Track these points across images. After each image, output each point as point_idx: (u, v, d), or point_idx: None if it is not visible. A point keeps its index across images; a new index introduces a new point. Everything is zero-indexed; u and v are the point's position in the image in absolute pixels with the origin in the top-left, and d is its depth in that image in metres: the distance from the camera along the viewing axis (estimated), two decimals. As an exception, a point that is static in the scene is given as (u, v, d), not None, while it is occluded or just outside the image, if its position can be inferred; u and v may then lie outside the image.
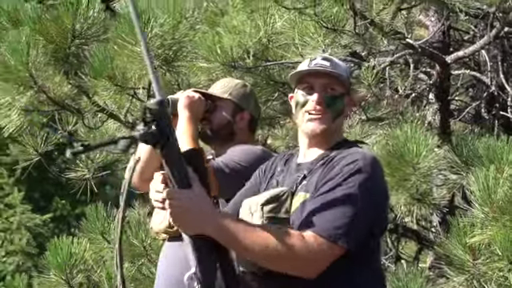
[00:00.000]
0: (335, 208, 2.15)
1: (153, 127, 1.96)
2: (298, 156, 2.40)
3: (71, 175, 5.05)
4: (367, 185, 2.20)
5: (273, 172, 2.43)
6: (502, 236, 3.40)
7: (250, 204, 2.27)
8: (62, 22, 4.42)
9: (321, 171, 2.24)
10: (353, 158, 2.22)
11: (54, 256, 4.45)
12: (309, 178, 2.26)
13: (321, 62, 2.35)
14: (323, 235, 2.12)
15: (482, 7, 4.24)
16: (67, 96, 4.59)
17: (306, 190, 2.23)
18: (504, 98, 5.02)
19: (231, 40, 4.04)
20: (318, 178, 2.23)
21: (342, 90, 2.36)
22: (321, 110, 2.32)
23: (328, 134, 2.34)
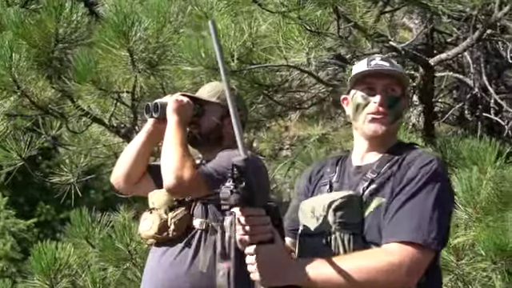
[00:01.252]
0: (422, 213, 2.12)
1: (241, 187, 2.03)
2: (351, 159, 2.35)
3: (55, 180, 5.03)
4: (446, 186, 2.20)
5: (322, 173, 2.38)
6: (485, 236, 3.42)
7: (313, 206, 2.23)
8: (45, 26, 4.41)
9: (393, 175, 2.20)
10: (426, 160, 2.19)
11: (39, 261, 4.43)
12: (379, 182, 2.22)
13: (380, 63, 2.30)
14: (418, 242, 2.09)
15: (465, 10, 4.27)
16: (51, 100, 4.57)
17: (382, 195, 2.18)
18: (487, 99, 5.06)
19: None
20: (394, 182, 2.18)
21: (401, 92, 2.32)
22: (384, 112, 2.28)
23: (387, 135, 2.30)
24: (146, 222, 2.99)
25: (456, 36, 5.27)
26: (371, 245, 2.17)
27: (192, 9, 4.48)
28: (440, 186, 2.17)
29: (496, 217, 3.44)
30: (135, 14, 4.17)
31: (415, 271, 2.11)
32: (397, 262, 2.09)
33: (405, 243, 2.09)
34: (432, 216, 2.13)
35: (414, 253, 2.09)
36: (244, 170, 2.04)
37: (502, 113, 5.01)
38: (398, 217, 2.13)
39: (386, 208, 2.17)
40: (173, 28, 4.31)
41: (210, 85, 3.23)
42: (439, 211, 2.14)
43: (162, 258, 2.97)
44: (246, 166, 2.05)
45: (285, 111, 5.06)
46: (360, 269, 2.09)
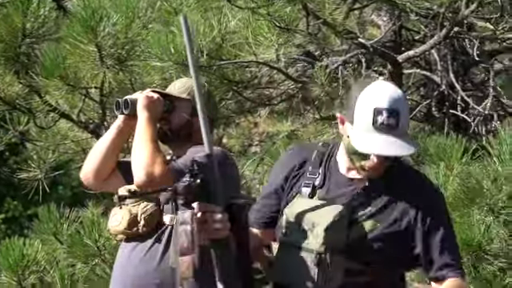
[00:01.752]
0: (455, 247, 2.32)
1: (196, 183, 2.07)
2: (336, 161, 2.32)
3: (23, 175, 4.99)
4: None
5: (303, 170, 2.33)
6: (452, 232, 3.45)
7: (300, 218, 2.23)
8: (12, 20, 4.37)
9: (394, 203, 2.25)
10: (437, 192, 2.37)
11: (6, 257, 4.39)
12: (374, 205, 2.25)
13: (387, 122, 2.17)
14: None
15: (433, 7, 4.29)
16: (18, 95, 4.54)
17: (378, 219, 2.23)
18: (454, 96, 5.09)
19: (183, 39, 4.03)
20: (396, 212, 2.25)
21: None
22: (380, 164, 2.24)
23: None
24: (116, 217, 2.95)
25: (424, 33, 5.29)
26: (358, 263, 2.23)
27: (161, 4, 4.46)
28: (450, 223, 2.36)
29: (462, 212, 3.47)
30: (103, 8, 4.14)
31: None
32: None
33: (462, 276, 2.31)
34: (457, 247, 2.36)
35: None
36: (203, 167, 2.06)
37: (469, 110, 5.04)
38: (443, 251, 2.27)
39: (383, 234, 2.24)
40: (142, 23, 4.28)
41: (180, 81, 3.21)
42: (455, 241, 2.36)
43: (132, 253, 2.95)
44: (205, 163, 2.07)
45: (254, 107, 5.06)
46: None
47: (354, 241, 2.21)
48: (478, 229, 3.43)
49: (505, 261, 3.52)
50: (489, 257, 3.46)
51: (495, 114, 4.96)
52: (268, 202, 2.36)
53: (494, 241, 3.45)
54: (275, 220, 2.33)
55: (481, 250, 3.45)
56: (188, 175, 2.08)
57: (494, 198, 3.43)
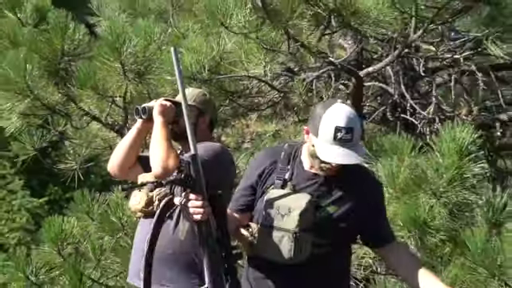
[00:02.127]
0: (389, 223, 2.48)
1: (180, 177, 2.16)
2: (301, 160, 2.35)
3: (62, 166, 4.97)
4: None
5: (273, 169, 2.36)
6: (403, 211, 3.44)
7: (278, 205, 2.27)
8: (53, 43, 4.34)
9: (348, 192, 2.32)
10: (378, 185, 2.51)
11: (48, 232, 4.35)
12: (334, 193, 2.31)
13: (344, 137, 2.22)
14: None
15: (387, 33, 4.28)
16: (58, 103, 4.51)
17: (335, 204, 2.30)
18: (404, 103, 5.09)
19: (191, 58, 4.01)
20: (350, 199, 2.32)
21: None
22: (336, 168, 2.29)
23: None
24: (136, 198, 2.93)
25: (380, 53, 5.29)
26: (322, 239, 2.27)
27: (172, 30, 4.44)
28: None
29: (411, 195, 3.46)
30: (126, 33, 4.12)
31: None
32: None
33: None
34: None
35: None
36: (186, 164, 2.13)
37: (416, 114, 5.04)
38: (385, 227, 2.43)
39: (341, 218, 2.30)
40: (157, 45, 4.26)
41: (186, 90, 3.19)
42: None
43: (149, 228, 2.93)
44: (189, 162, 2.13)
45: (246, 112, 5.04)
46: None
47: (321, 221, 2.27)
48: (424, 209, 3.42)
49: (444, 234, 3.51)
50: (432, 231, 3.45)
51: (437, 117, 4.96)
52: (245, 193, 2.40)
53: (436, 218, 3.44)
54: (250, 207, 2.38)
55: (426, 226, 3.44)
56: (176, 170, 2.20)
57: (436, 184, 3.42)
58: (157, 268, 2.65)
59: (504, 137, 5.41)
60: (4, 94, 4.46)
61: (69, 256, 4.41)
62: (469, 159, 3.37)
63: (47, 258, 4.36)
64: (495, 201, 3.53)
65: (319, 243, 2.26)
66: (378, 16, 3.86)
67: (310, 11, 3.87)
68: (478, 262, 3.30)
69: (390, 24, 3.94)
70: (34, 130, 4.76)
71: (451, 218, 3.47)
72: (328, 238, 2.28)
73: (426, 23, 3.93)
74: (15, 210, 6.85)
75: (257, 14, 3.85)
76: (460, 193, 3.41)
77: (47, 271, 4.44)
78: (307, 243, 2.25)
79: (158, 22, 4.63)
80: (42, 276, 4.44)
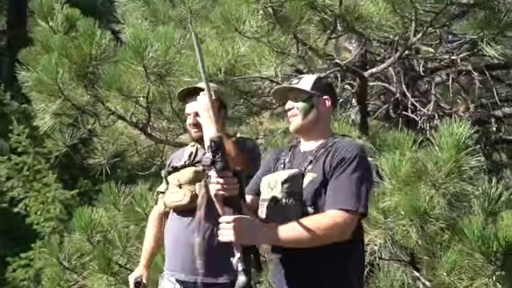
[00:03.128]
0: (350, 187, 2.14)
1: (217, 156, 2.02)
2: (300, 146, 2.37)
3: (91, 161, 4.98)
4: (365, 166, 2.21)
5: (278, 157, 2.39)
6: (405, 201, 3.42)
7: (269, 180, 2.25)
8: (82, 48, 4.34)
9: (324, 157, 2.22)
10: (349, 148, 2.21)
11: (79, 221, 4.38)
12: (314, 163, 2.23)
13: (293, 81, 2.34)
14: (349, 208, 2.12)
15: (389, 36, 4.24)
16: (87, 103, 4.51)
17: (314, 171, 2.21)
18: (406, 102, 5.05)
19: (208, 61, 3.99)
20: (324, 162, 2.20)
21: (306, 95, 2.30)
22: (292, 114, 2.31)
23: (307, 128, 2.32)
24: (178, 195, 2.87)
25: (383, 55, 5.25)
26: (308, 207, 2.19)
27: (190, 35, 4.42)
28: (360, 167, 2.19)
29: (412, 187, 3.43)
30: (148, 39, 4.11)
31: (350, 227, 2.16)
32: (339, 222, 2.12)
33: (343, 210, 2.13)
34: (356, 190, 2.16)
35: (348, 216, 2.13)
36: (219, 145, 2.02)
37: (417, 111, 5.00)
38: (335, 191, 2.16)
39: (317, 181, 2.20)
40: (176, 49, 4.25)
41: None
42: (361, 185, 2.17)
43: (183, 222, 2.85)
44: (220, 142, 2.03)
45: (259, 111, 5.03)
46: (316, 226, 2.11)
47: (304, 189, 2.21)
48: (424, 199, 3.39)
49: (443, 222, 3.48)
50: (432, 219, 3.42)
51: (436, 114, 4.92)
52: (257, 180, 2.38)
53: (435, 208, 3.41)
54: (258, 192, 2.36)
55: (426, 215, 3.41)
56: (209, 151, 2.05)
57: (435, 176, 3.39)
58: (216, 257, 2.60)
59: (499, 132, 5.35)
60: (38, 95, 4.48)
61: (98, 243, 4.43)
62: (466, 153, 3.34)
63: (78, 245, 4.39)
64: (491, 191, 3.50)
65: (307, 212, 2.17)
66: (381, 21, 3.83)
67: (317, 17, 3.85)
68: (475, 248, 3.27)
69: (391, 28, 3.91)
70: (65, 129, 4.77)
71: (450, 208, 3.44)
72: (312, 206, 2.18)
73: (425, 27, 3.89)
74: (49, 201, 6.88)
75: (268, 20, 3.82)
76: (458, 184, 3.37)
77: (78, 257, 4.47)
78: (295, 211, 2.16)
79: (178, 28, 4.62)
80: (74, 261, 4.47)
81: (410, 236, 3.46)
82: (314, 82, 2.35)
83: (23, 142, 7.02)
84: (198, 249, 2.78)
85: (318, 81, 2.38)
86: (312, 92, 2.33)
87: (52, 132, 4.73)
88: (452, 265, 3.42)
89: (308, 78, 2.36)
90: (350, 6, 3.81)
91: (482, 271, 3.30)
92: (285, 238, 2.10)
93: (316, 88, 2.34)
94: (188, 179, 2.89)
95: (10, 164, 7.11)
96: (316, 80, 2.37)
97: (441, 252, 3.51)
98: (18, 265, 6.68)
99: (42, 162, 6.98)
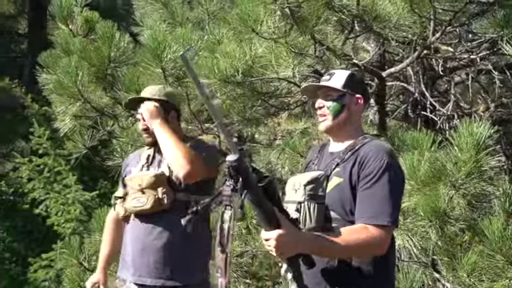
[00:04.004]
0: (384, 200, 2.08)
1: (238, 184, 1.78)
2: (329, 146, 2.30)
3: (111, 163, 5.01)
4: (396, 174, 2.14)
5: (310, 159, 2.35)
6: (423, 202, 3.39)
7: (294, 182, 2.19)
8: (101, 51, 4.38)
9: (352, 162, 2.14)
10: (379, 154, 2.11)
11: (99, 222, 4.41)
12: (342, 166, 2.16)
13: (324, 78, 2.26)
14: (385, 224, 2.08)
15: (408, 36, 4.21)
16: (106, 105, 4.56)
17: (340, 176, 2.15)
18: (424, 101, 5.01)
19: (225, 62, 4.00)
20: (352, 169, 2.13)
21: (338, 93, 2.21)
22: (322, 114, 2.23)
23: (338, 129, 2.23)
24: (140, 200, 2.81)
25: (401, 55, 5.21)
26: (332, 212, 2.14)
27: (208, 37, 4.44)
28: (392, 177, 2.12)
29: (431, 187, 3.41)
30: (166, 41, 4.13)
31: (387, 242, 2.12)
32: (377, 237, 2.08)
33: (377, 226, 2.08)
34: (391, 203, 2.10)
35: (385, 232, 2.09)
36: (239, 170, 1.80)
37: (436, 111, 4.96)
38: (369, 204, 2.09)
39: (344, 187, 2.14)
40: (194, 51, 4.26)
41: (151, 87, 3.05)
42: (394, 197, 2.12)
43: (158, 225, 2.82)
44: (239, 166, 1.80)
45: (277, 112, 5.02)
46: (355, 240, 2.06)
47: (328, 193, 2.15)
48: (444, 200, 3.36)
49: (463, 223, 3.45)
50: (452, 220, 3.39)
51: (455, 114, 4.88)
52: None
53: (455, 208, 3.37)
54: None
55: (445, 216, 3.38)
56: (229, 178, 1.82)
57: (455, 176, 3.36)
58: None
59: (520, 131, 5.29)
60: (58, 98, 4.53)
61: (118, 244, 4.45)
62: (486, 153, 3.30)
63: (98, 246, 4.38)
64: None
65: (330, 217, 2.13)
66: (399, 20, 3.81)
67: (335, 17, 3.83)
68: (496, 249, 3.23)
69: (409, 27, 3.88)
70: (85, 131, 4.81)
71: (470, 208, 3.41)
72: (336, 211, 2.14)
73: (444, 26, 3.86)
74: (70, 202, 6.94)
75: (285, 20, 3.82)
76: (478, 184, 3.34)
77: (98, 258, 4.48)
78: (314, 213, 2.10)
79: (195, 30, 4.63)
80: (94, 262, 4.48)
81: (430, 237, 3.44)
82: (346, 79, 2.24)
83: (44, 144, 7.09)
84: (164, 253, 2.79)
85: (351, 78, 2.26)
86: (344, 90, 2.23)
87: (72, 134, 4.77)
88: (472, 266, 3.38)
89: (340, 75, 2.25)
90: (367, 6, 3.79)
91: (502, 273, 3.27)
92: (325, 250, 2.06)
93: (348, 86, 2.24)
94: (150, 183, 2.82)
95: (31, 166, 7.19)
96: (348, 77, 2.26)
97: (461, 253, 3.48)
98: (39, 265, 6.75)
99: (62, 164, 7.05)
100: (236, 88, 4.11)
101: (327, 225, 2.12)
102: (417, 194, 3.43)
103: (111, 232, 3.13)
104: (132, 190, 2.88)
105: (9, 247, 7.79)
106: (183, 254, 2.80)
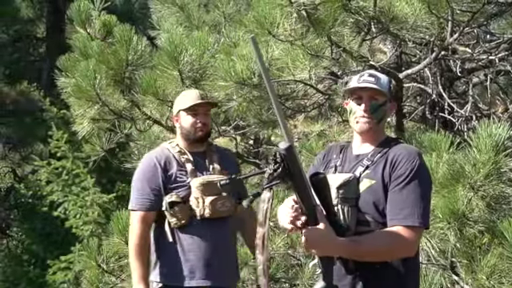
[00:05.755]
0: (415, 202, 2.10)
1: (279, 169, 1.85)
2: (351, 148, 2.30)
3: (128, 165, 5.05)
4: (427, 177, 2.18)
5: (329, 158, 2.32)
6: (442, 204, 3.37)
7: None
8: (119, 54, 4.41)
9: (383, 164, 2.16)
10: (411, 156, 2.15)
11: (117, 224, 4.41)
12: (372, 168, 2.17)
13: (367, 78, 2.24)
14: (417, 225, 2.10)
15: (425, 37, 4.20)
16: (124, 108, 4.58)
17: (371, 177, 2.16)
18: (442, 103, 4.98)
19: (242, 65, 4.02)
20: (384, 170, 2.14)
21: (384, 99, 2.24)
22: (368, 116, 2.23)
23: (374, 132, 2.24)
24: (225, 204, 2.93)
25: (419, 57, 5.19)
26: (365, 215, 2.15)
27: (224, 40, 4.45)
28: (423, 179, 2.15)
29: (449, 189, 3.38)
30: (183, 44, 4.16)
31: (417, 244, 2.17)
32: (408, 239, 2.10)
33: (408, 227, 2.10)
34: (422, 205, 2.12)
35: (416, 234, 2.12)
36: (286, 157, 1.86)
37: (454, 113, 4.93)
38: (401, 206, 2.11)
39: (376, 189, 2.14)
40: (211, 54, 4.29)
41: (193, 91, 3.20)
42: (426, 200, 2.14)
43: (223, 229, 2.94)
44: (289, 153, 1.86)
45: (293, 114, 5.02)
46: (387, 242, 2.10)
47: (361, 196, 2.15)
48: (462, 202, 3.34)
49: (482, 225, 3.42)
50: (470, 222, 3.37)
51: (474, 115, 4.84)
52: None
53: (474, 210, 3.35)
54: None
55: (464, 218, 3.36)
56: (273, 163, 1.89)
57: (473, 178, 3.33)
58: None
59: (540, 133, 5.22)
60: (76, 101, 4.57)
61: (135, 246, 4.47)
62: (505, 154, 3.28)
63: (116, 248, 4.43)
64: (531, 193, 3.42)
65: (363, 220, 2.13)
66: (416, 21, 3.79)
67: (351, 19, 3.83)
68: (516, 251, 3.20)
69: (427, 28, 3.86)
70: (103, 133, 4.85)
71: (489, 210, 3.38)
72: (369, 214, 2.14)
73: (462, 27, 3.83)
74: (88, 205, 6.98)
75: (301, 22, 3.82)
76: (497, 186, 3.31)
77: (116, 260, 4.51)
78: (347, 216, 2.11)
79: (212, 33, 4.66)
80: (112, 264, 4.52)
81: (448, 239, 3.41)
82: (388, 84, 2.28)
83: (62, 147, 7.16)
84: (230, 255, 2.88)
85: (391, 84, 2.31)
86: (388, 97, 2.27)
87: (90, 137, 4.82)
88: (492, 268, 3.35)
89: (384, 79, 2.27)
90: (384, 7, 3.78)
91: (523, 275, 3.23)
92: (357, 252, 2.07)
93: (390, 92, 2.28)
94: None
95: (49, 168, 7.25)
96: (389, 82, 2.30)
97: (480, 255, 3.45)
98: (57, 267, 6.81)
99: (80, 167, 7.11)
100: (252, 90, 4.11)
101: (360, 228, 2.13)
102: (435, 195, 3.40)
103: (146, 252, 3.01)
104: (206, 193, 2.89)
105: (28, 249, 7.88)
106: (235, 255, 2.99)
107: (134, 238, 2.95)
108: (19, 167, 10.66)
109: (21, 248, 8.06)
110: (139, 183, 2.99)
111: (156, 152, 3.06)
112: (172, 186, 2.91)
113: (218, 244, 2.90)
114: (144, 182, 2.97)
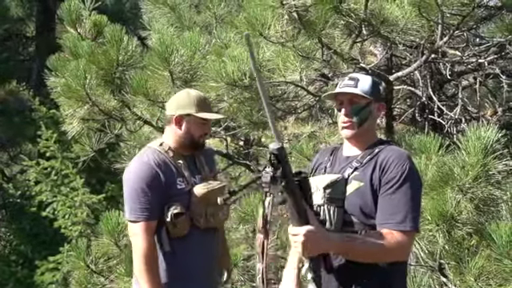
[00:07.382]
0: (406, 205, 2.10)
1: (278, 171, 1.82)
2: (342, 150, 2.29)
3: (118, 166, 5.03)
4: (417, 179, 2.17)
5: (321, 161, 2.33)
6: (431, 206, 3.39)
7: (311, 184, 2.17)
8: (109, 54, 4.40)
9: (372, 167, 2.15)
10: (401, 159, 2.13)
11: (106, 225, 4.41)
12: (361, 170, 2.17)
13: (347, 82, 2.23)
14: (408, 230, 2.10)
15: (415, 40, 4.22)
16: (114, 108, 4.57)
17: (360, 179, 2.15)
18: (432, 105, 5.01)
19: (233, 66, 4.02)
20: (372, 173, 2.14)
21: (366, 101, 2.22)
22: (349, 120, 2.22)
23: (359, 136, 2.23)
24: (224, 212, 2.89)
25: (409, 59, 5.22)
26: (351, 216, 2.15)
27: (215, 41, 4.46)
28: (414, 182, 2.15)
29: (438, 191, 3.41)
30: (174, 45, 4.16)
31: (410, 248, 2.23)
32: (401, 243, 2.11)
33: (401, 231, 2.11)
34: (414, 209, 2.13)
35: (408, 238, 2.13)
36: (280, 158, 1.83)
37: (443, 115, 4.96)
38: (393, 210, 2.11)
39: (364, 191, 2.14)
40: (202, 55, 4.29)
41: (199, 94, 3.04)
42: (417, 203, 2.15)
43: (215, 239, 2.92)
44: (282, 154, 1.84)
45: (284, 115, 5.03)
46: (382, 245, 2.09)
47: (347, 197, 2.16)
48: (451, 204, 3.36)
49: (470, 227, 3.45)
50: (459, 224, 3.39)
51: (463, 118, 4.88)
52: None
53: (462, 212, 3.37)
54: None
55: (453, 220, 3.38)
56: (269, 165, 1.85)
57: (462, 180, 3.36)
58: None
59: (528, 136, 5.27)
60: (66, 101, 4.55)
61: (125, 247, 4.46)
62: (494, 157, 3.30)
63: (105, 249, 4.42)
64: (519, 196, 3.45)
65: (349, 221, 2.14)
66: (406, 24, 3.82)
67: (342, 21, 3.84)
68: (504, 253, 3.23)
69: (417, 31, 3.89)
70: (92, 134, 4.84)
71: (477, 213, 3.40)
72: (355, 215, 2.14)
73: (452, 30, 3.86)
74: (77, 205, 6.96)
75: (293, 24, 3.84)
76: (485, 188, 3.34)
77: (105, 260, 4.49)
78: (333, 216, 2.12)
79: (203, 33, 4.66)
80: (101, 265, 4.50)
81: (437, 241, 3.43)
82: (371, 85, 2.24)
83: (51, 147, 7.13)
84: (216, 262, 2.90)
85: (375, 84, 2.27)
86: (371, 98, 2.23)
87: (80, 137, 4.80)
88: (480, 270, 3.38)
89: (365, 81, 2.24)
90: (375, 10, 3.80)
91: (510, 277, 3.26)
92: (351, 252, 2.08)
93: (373, 93, 2.24)
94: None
95: (38, 169, 7.22)
96: (373, 83, 2.26)
97: (468, 257, 3.47)
98: (46, 268, 6.78)
99: (69, 167, 7.08)
100: (243, 91, 4.12)
101: (345, 228, 2.14)
102: (424, 197, 3.42)
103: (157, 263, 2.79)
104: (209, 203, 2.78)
105: (16, 250, 7.84)
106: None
107: (144, 250, 2.70)
108: (8, 167, 10.60)
109: (9, 248, 8.01)
110: (140, 192, 2.73)
111: (150, 156, 2.82)
112: (172, 193, 2.76)
113: (212, 252, 2.87)
114: (146, 190, 2.72)
